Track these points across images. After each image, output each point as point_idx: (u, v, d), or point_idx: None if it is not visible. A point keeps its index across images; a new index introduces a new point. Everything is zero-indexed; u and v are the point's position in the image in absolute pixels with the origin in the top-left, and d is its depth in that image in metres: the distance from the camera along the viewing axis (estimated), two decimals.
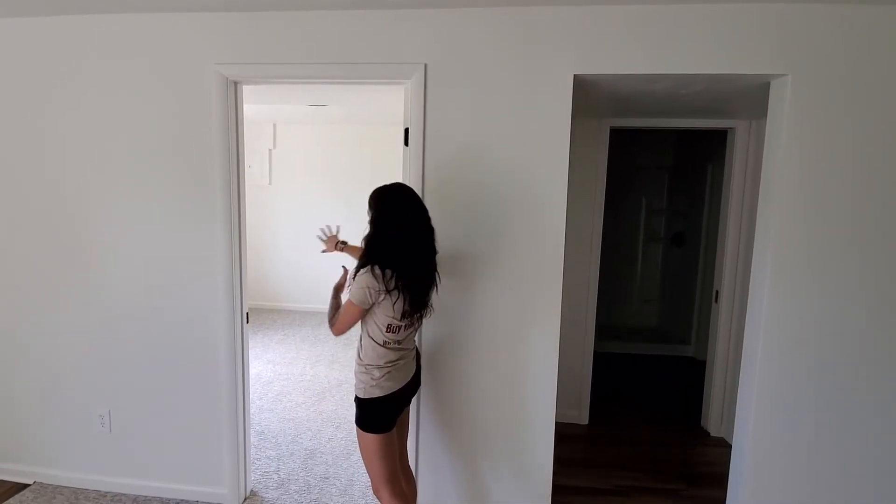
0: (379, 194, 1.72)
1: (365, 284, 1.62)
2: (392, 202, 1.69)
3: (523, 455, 2.14)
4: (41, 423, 2.44)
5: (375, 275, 1.62)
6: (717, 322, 3.12)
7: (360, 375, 1.74)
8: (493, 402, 2.13)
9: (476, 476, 2.19)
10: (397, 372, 1.75)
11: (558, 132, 1.96)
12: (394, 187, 1.73)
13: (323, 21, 2.00)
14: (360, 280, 1.64)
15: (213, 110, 2.11)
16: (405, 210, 1.68)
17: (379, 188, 1.73)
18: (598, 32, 1.89)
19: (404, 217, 1.67)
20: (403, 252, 1.65)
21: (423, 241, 1.70)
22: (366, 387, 1.71)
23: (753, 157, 2.87)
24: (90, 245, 2.27)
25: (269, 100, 3.84)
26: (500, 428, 2.14)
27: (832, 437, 1.97)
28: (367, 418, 1.73)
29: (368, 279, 1.62)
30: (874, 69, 1.80)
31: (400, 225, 1.65)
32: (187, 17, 2.07)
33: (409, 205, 1.70)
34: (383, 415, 1.74)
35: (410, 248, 1.66)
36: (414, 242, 1.67)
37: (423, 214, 1.71)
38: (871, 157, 1.84)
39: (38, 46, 2.18)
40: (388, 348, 1.72)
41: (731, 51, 1.84)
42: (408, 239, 1.65)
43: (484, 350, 2.10)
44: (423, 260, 1.71)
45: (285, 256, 5.76)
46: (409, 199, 1.71)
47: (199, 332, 2.25)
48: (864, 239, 1.88)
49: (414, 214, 1.68)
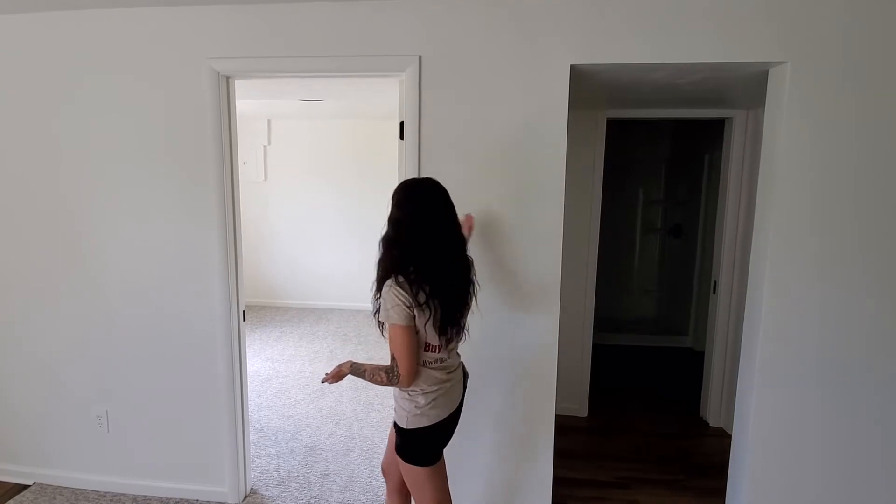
0: (397, 189, 1.50)
1: (397, 301, 1.40)
2: (401, 198, 1.48)
3: (524, 448, 2.14)
4: (40, 424, 2.42)
5: (400, 284, 1.41)
6: (716, 313, 3.12)
7: (401, 402, 1.52)
8: (492, 394, 2.12)
9: (476, 467, 2.18)
10: (444, 397, 1.52)
11: (555, 123, 1.94)
12: (426, 182, 1.52)
13: (316, 13, 1.97)
14: (387, 294, 1.41)
15: (206, 106, 2.08)
16: (438, 209, 1.47)
17: (407, 182, 1.53)
18: (596, 21, 1.87)
19: (435, 217, 1.45)
20: (430, 258, 1.43)
21: (453, 247, 1.48)
22: (409, 416, 1.49)
23: (751, 147, 2.86)
24: (84, 243, 2.25)
25: (263, 95, 3.79)
26: (500, 419, 2.13)
27: (832, 426, 1.98)
28: (412, 450, 1.52)
29: (397, 293, 1.40)
30: (873, 56, 1.79)
31: (429, 227, 1.43)
32: (177, 11, 2.04)
33: (441, 204, 1.48)
34: (431, 447, 1.54)
35: (439, 253, 1.45)
36: (442, 248, 1.46)
37: (454, 217, 1.51)
38: (870, 144, 1.83)
39: (28, 43, 2.14)
40: (432, 368, 1.50)
41: (729, 38, 1.82)
42: (437, 243, 1.44)
43: (483, 343, 2.09)
44: (452, 268, 1.47)
45: (282, 253, 5.74)
46: (440, 198, 1.49)
47: (195, 330, 2.24)
48: (864, 227, 1.87)
49: (447, 215, 1.48)
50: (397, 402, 1.55)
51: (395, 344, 1.42)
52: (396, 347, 1.42)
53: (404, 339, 1.42)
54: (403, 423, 1.52)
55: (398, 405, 1.55)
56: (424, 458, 1.54)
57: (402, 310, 1.40)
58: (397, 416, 1.55)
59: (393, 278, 1.42)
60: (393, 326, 1.41)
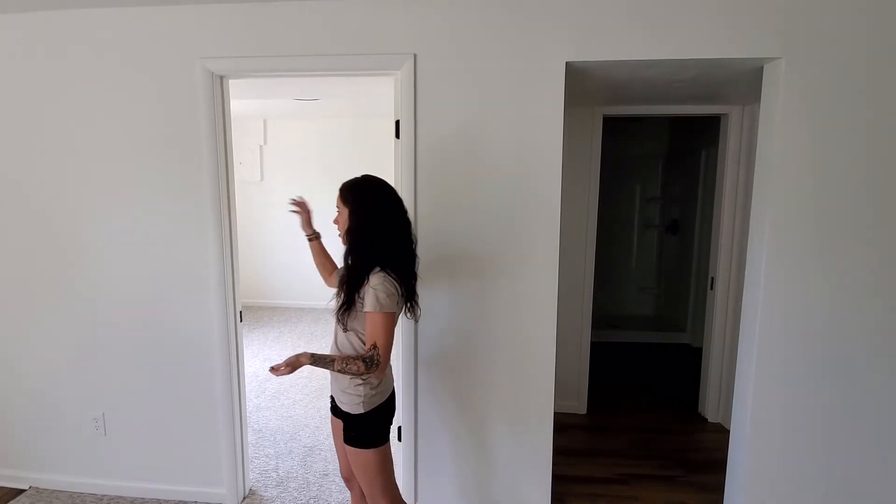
0: (360, 185, 1.56)
1: (392, 290, 1.48)
2: (385, 195, 1.55)
3: (523, 445, 2.14)
4: (35, 428, 2.41)
5: (390, 274, 1.50)
6: (713, 309, 3.13)
7: (354, 390, 1.57)
8: (491, 392, 2.12)
9: (476, 467, 2.18)
10: (390, 372, 1.69)
11: (551, 120, 1.94)
12: (378, 179, 1.59)
13: (309, 11, 1.96)
14: (380, 285, 1.47)
15: (200, 106, 2.06)
16: (397, 204, 1.56)
17: (363, 179, 1.58)
18: (591, 18, 1.86)
19: (398, 212, 1.55)
20: (403, 251, 1.55)
21: (410, 239, 1.60)
22: (364, 399, 1.56)
23: (747, 143, 2.86)
24: (78, 246, 2.23)
25: (258, 94, 3.78)
26: (499, 418, 2.13)
27: (829, 420, 1.98)
28: (370, 433, 1.59)
29: (390, 284, 1.48)
30: (866, 51, 1.79)
31: (395, 221, 1.54)
32: (170, 11, 2.02)
33: (397, 199, 1.57)
34: (386, 423, 1.63)
35: (407, 246, 1.57)
36: (408, 240, 1.58)
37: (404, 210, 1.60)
38: (864, 139, 1.83)
39: (21, 42, 2.12)
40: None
41: (725, 34, 1.82)
42: (404, 237, 1.56)
43: (481, 341, 2.09)
44: (412, 258, 1.61)
45: (279, 253, 5.72)
46: (393, 192, 1.58)
47: (192, 331, 2.23)
48: (859, 221, 1.87)
49: (402, 209, 1.58)
50: (349, 393, 1.57)
51: (379, 331, 1.47)
52: (381, 335, 1.47)
53: (391, 327, 1.50)
54: (360, 409, 1.56)
55: (351, 394, 1.57)
56: (381, 437, 1.61)
57: (395, 298, 1.49)
58: (349, 405, 1.58)
59: (381, 269, 1.49)
60: (382, 314, 1.47)
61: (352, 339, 1.57)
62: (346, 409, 1.59)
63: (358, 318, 1.53)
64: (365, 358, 1.48)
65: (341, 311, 1.55)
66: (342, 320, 1.55)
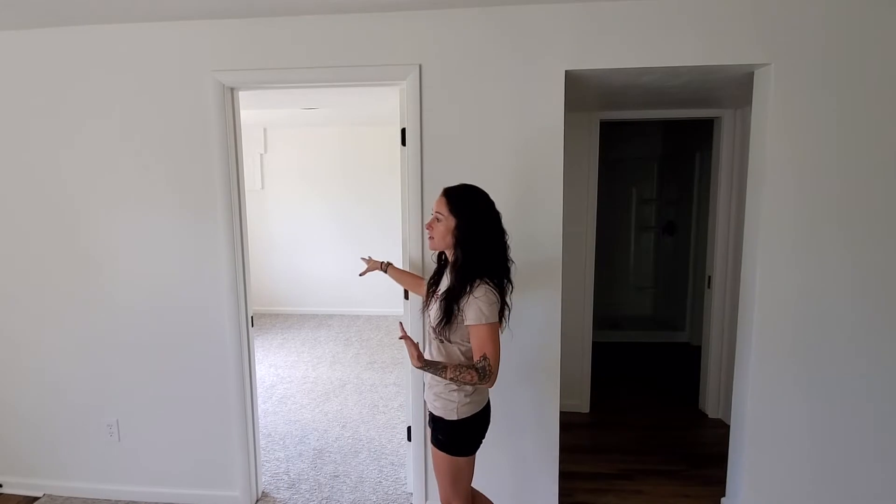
0: (471, 195, 1.55)
1: (493, 299, 1.47)
2: (491, 205, 1.56)
3: (530, 443, 2.19)
4: (48, 435, 2.44)
5: (493, 286, 1.49)
6: (711, 307, 3.20)
7: (449, 395, 1.56)
8: (499, 392, 2.17)
9: (485, 465, 2.22)
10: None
11: (552, 126, 2.01)
12: (479, 188, 1.58)
13: (318, 25, 2.03)
14: (484, 296, 1.46)
15: (212, 117, 2.13)
16: (498, 214, 1.57)
17: (473, 190, 1.57)
18: (588, 29, 1.94)
19: (498, 221, 1.56)
20: (504, 261, 1.56)
21: (506, 247, 1.60)
22: (458, 406, 1.55)
23: (740, 145, 2.95)
24: (92, 253, 2.28)
25: (260, 104, 3.84)
26: (507, 417, 2.18)
27: (827, 415, 2.04)
28: (460, 441, 1.58)
29: (492, 293, 1.48)
30: (855, 55, 1.87)
31: (500, 231, 1.55)
32: (182, 26, 2.09)
33: (496, 208, 1.58)
34: (478, 433, 1.62)
35: (505, 255, 1.58)
36: (505, 249, 1.58)
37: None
38: (854, 141, 1.91)
39: (37, 58, 2.18)
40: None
41: (715, 42, 1.90)
42: (504, 246, 1.57)
43: None
44: (508, 267, 1.61)
45: (281, 260, 5.77)
46: (492, 201, 1.59)
47: (204, 336, 2.27)
48: (850, 221, 1.95)
49: (500, 218, 1.58)
50: (442, 399, 1.57)
51: (487, 342, 1.47)
52: (489, 345, 1.46)
53: (497, 337, 1.49)
54: (454, 416, 1.56)
55: (445, 399, 1.57)
56: (471, 447, 1.61)
57: (496, 307, 1.49)
58: (444, 410, 1.57)
59: (483, 280, 1.49)
60: (487, 325, 1.46)
61: (451, 350, 1.56)
62: (439, 413, 1.59)
63: (458, 329, 1.53)
64: (478, 367, 1.47)
65: (441, 325, 1.53)
66: (442, 333, 1.54)
